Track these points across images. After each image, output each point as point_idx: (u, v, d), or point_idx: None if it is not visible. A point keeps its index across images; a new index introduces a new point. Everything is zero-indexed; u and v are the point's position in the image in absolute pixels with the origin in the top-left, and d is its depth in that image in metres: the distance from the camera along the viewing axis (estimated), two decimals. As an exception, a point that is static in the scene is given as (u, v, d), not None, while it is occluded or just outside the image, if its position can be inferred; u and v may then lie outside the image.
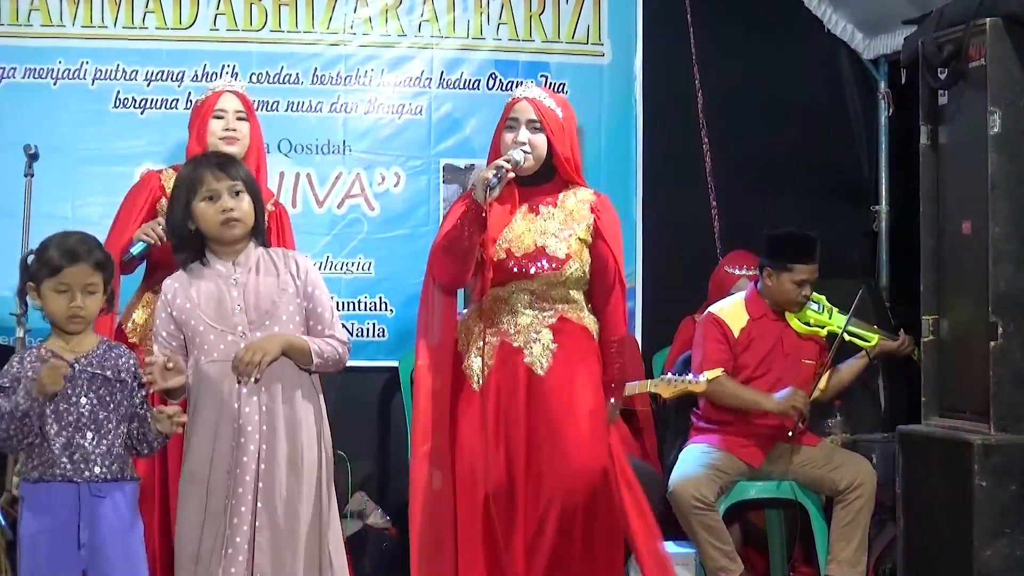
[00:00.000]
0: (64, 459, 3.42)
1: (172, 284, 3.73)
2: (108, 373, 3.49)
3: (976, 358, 4.53)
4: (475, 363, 4.03)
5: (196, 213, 3.67)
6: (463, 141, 5.83)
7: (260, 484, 3.59)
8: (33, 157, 4.50)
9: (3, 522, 4.38)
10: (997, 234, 4.46)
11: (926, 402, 4.79)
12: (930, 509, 4.64)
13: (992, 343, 4.45)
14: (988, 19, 4.46)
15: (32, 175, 4.49)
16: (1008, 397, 4.46)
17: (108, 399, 3.48)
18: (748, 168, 6.11)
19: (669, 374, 5.04)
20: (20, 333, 4.36)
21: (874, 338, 5.25)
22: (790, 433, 4.99)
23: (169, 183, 4.46)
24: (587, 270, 4.08)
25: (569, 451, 3.95)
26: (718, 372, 5.01)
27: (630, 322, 5.67)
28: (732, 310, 5.16)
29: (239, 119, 4.52)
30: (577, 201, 4.11)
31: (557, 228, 4.05)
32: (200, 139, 4.52)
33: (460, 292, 4.25)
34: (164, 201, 4.42)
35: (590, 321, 4.10)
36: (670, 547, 5.13)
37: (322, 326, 3.74)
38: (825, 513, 5.09)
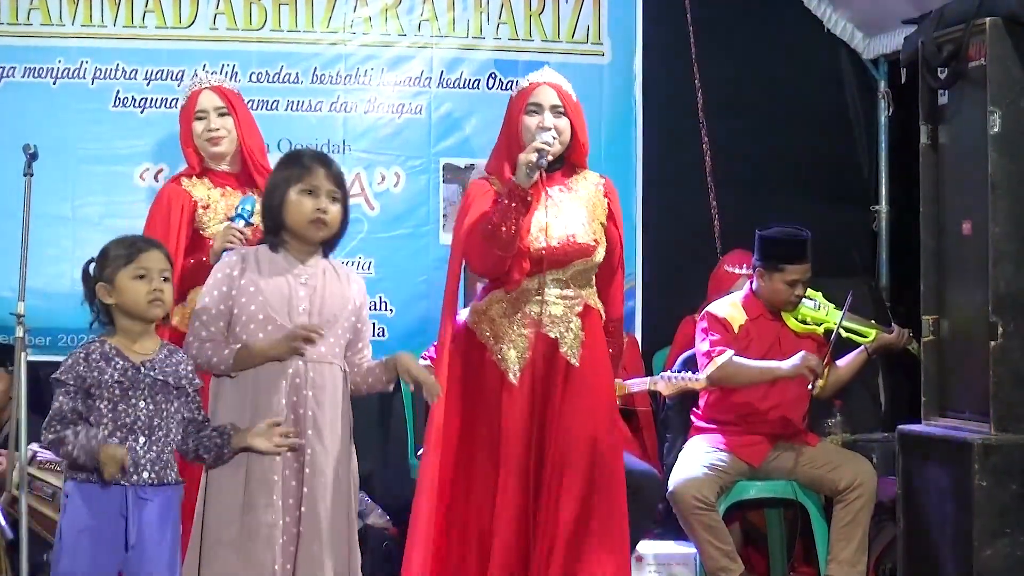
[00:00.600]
0: None
1: (238, 262, 3.67)
2: (169, 379, 3.49)
3: (976, 358, 4.53)
4: (510, 355, 4.03)
5: (289, 201, 3.65)
6: (463, 141, 5.82)
7: (305, 487, 3.59)
8: (33, 157, 4.50)
9: (3, 522, 4.39)
10: (997, 234, 4.46)
11: (926, 402, 4.79)
12: (930, 509, 4.64)
13: (992, 343, 4.45)
14: (988, 19, 4.46)
15: (32, 175, 4.49)
16: (1008, 397, 4.46)
17: (165, 405, 3.48)
18: (748, 168, 6.11)
19: (668, 372, 5.04)
20: (20, 333, 4.36)
21: (871, 333, 5.24)
22: (811, 389, 4.97)
23: (194, 190, 4.46)
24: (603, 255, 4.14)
25: (599, 450, 4.02)
26: (729, 354, 4.97)
27: (630, 322, 5.67)
28: (729, 310, 5.16)
29: (221, 115, 4.50)
30: (589, 184, 4.14)
31: (579, 213, 4.08)
32: (187, 142, 4.51)
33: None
34: (201, 211, 4.43)
35: (600, 304, 4.16)
36: (670, 547, 5.15)
37: (361, 344, 3.79)
38: (825, 513, 5.08)
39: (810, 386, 4.98)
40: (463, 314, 5.14)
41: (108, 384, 3.42)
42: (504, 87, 5.82)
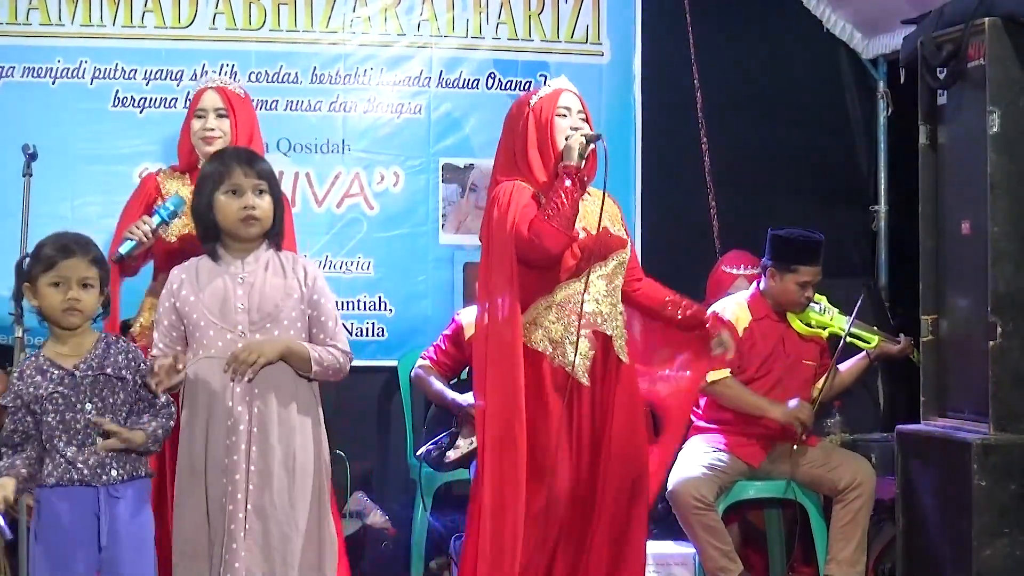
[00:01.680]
0: (79, 465, 3.42)
1: (179, 275, 3.73)
2: (109, 371, 3.48)
3: (975, 358, 4.53)
4: (575, 357, 4.02)
5: (216, 205, 3.68)
6: (462, 140, 5.82)
7: (251, 487, 3.60)
8: (32, 157, 4.49)
9: (3, 522, 4.38)
10: (996, 234, 4.46)
11: (925, 402, 4.79)
12: (930, 509, 4.64)
13: (991, 343, 4.45)
14: (987, 19, 4.46)
15: (31, 175, 4.48)
16: (1007, 397, 4.46)
17: (111, 399, 3.48)
18: (748, 168, 6.11)
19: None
20: (19, 333, 4.35)
21: (874, 339, 5.26)
22: (795, 447, 4.99)
23: (165, 183, 4.45)
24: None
25: (639, 452, 4.11)
26: (725, 373, 5.00)
27: (629, 322, 5.67)
28: (734, 310, 5.16)
29: (219, 116, 4.48)
30: (598, 192, 4.15)
31: (607, 213, 4.10)
32: (183, 138, 4.50)
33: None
34: (160, 201, 4.41)
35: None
36: (670, 547, 5.15)
37: (324, 335, 3.74)
38: (824, 513, 5.08)
39: (795, 445, 4.98)
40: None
41: (47, 396, 3.43)
42: (503, 87, 5.83)
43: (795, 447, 5.00)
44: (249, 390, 3.62)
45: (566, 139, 4.04)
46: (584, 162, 4.00)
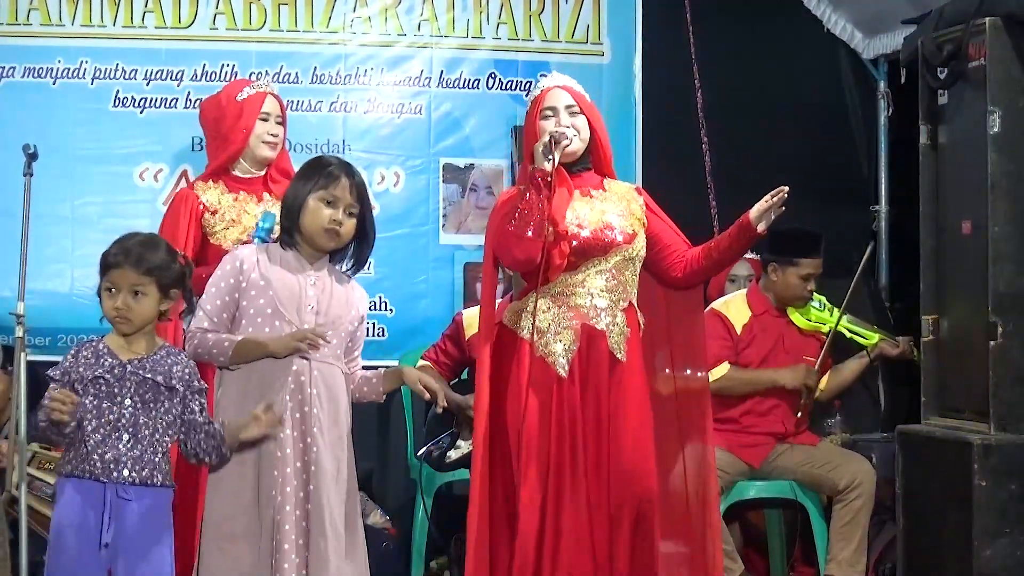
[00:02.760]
0: (95, 457, 3.42)
1: (250, 256, 3.72)
2: (159, 379, 3.48)
3: (976, 358, 4.53)
4: (557, 348, 4.00)
5: (308, 205, 3.69)
6: (463, 140, 5.82)
7: (310, 488, 3.62)
8: (32, 156, 4.49)
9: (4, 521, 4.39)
10: (997, 234, 4.46)
11: (926, 402, 4.79)
12: (930, 509, 4.64)
13: (992, 343, 4.45)
14: (988, 19, 4.46)
15: (31, 175, 4.48)
16: (1008, 397, 4.46)
17: (152, 405, 3.48)
18: (748, 168, 6.11)
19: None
20: (20, 333, 4.35)
21: (874, 337, 5.26)
22: (798, 413, 4.99)
23: (205, 195, 4.43)
24: (645, 252, 4.11)
25: (644, 452, 4.01)
26: (724, 368, 5.00)
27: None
28: (735, 306, 5.17)
29: (278, 123, 4.50)
30: (622, 188, 4.16)
31: (615, 207, 4.08)
32: (244, 137, 4.41)
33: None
34: (208, 216, 4.38)
35: (641, 314, 4.12)
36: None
37: (357, 352, 3.85)
38: (825, 513, 5.08)
39: (798, 412, 4.99)
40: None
41: (92, 380, 3.43)
42: (504, 87, 5.83)
43: (798, 414, 5.00)
44: (306, 386, 3.64)
45: (550, 131, 3.97)
46: (551, 163, 3.90)
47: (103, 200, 5.47)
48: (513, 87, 5.85)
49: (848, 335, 5.20)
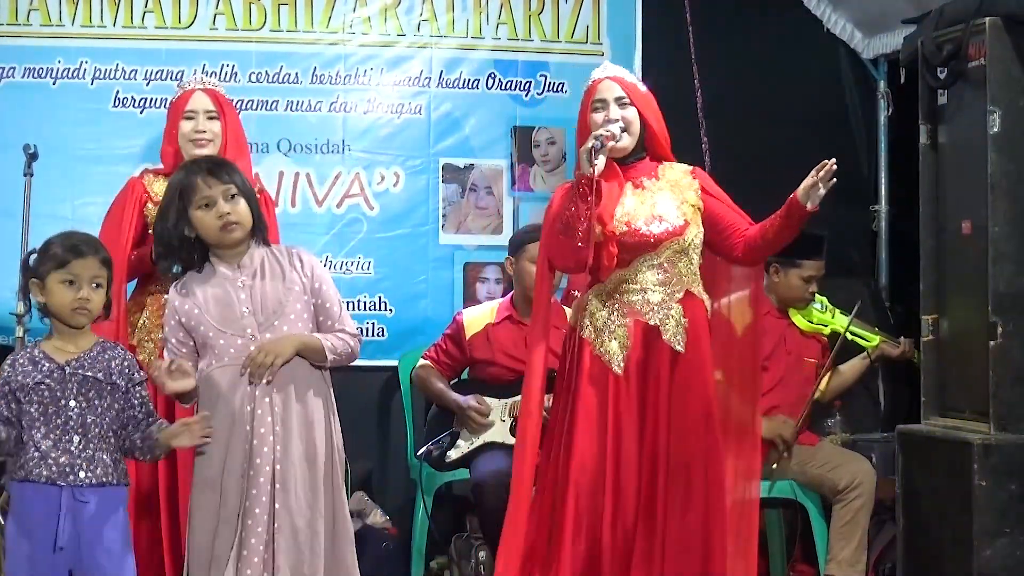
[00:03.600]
0: (50, 461, 3.41)
1: (176, 292, 3.74)
2: (99, 375, 3.48)
3: (976, 358, 4.53)
4: (612, 347, 3.99)
5: (194, 221, 3.69)
6: (462, 140, 5.82)
7: (276, 485, 3.61)
8: (32, 157, 4.50)
9: (3, 522, 4.39)
10: (997, 234, 4.46)
11: (926, 402, 4.79)
12: (930, 509, 4.64)
13: (992, 343, 4.45)
14: (987, 18, 4.46)
15: (31, 175, 4.49)
16: (1008, 397, 4.46)
17: (97, 402, 3.48)
18: (748, 168, 6.10)
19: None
20: (20, 333, 4.35)
21: (875, 339, 5.27)
22: (773, 465, 4.97)
23: (152, 186, 4.45)
24: (702, 237, 4.09)
25: (706, 441, 3.99)
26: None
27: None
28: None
29: (210, 118, 4.48)
30: (676, 172, 4.14)
31: (668, 197, 4.06)
32: (171, 140, 4.49)
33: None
34: (151, 205, 4.40)
35: (706, 295, 4.10)
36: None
37: (331, 320, 3.76)
38: (825, 513, 5.08)
39: (773, 463, 4.96)
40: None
41: (32, 386, 3.43)
42: (503, 87, 5.83)
43: (774, 465, 4.98)
44: (268, 390, 3.63)
45: (595, 135, 3.95)
46: (595, 167, 3.87)
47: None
48: (513, 87, 5.85)
49: (850, 337, 5.20)
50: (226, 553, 3.58)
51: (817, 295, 5.21)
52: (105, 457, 3.48)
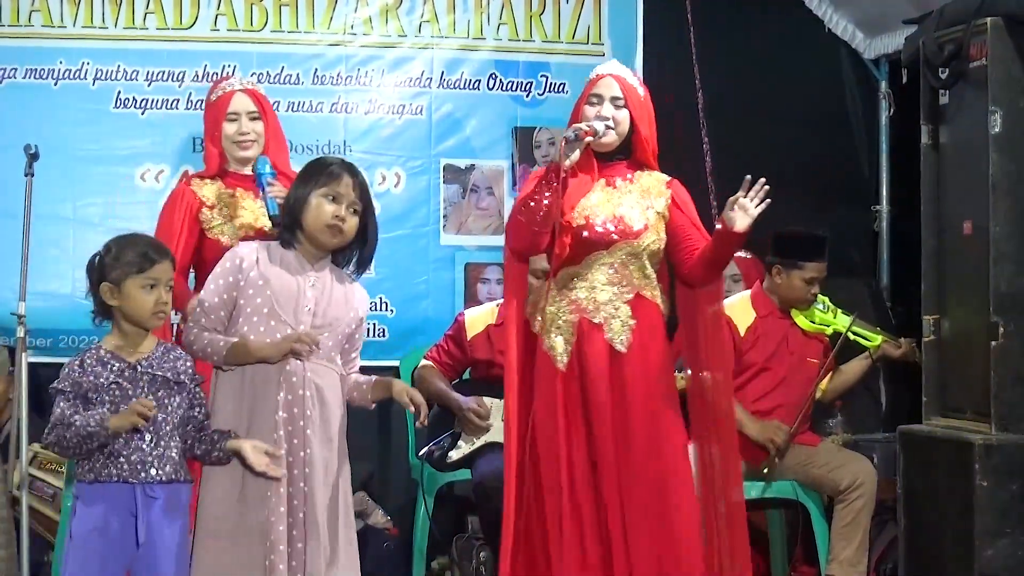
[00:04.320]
0: (121, 460, 3.43)
1: (250, 254, 3.71)
2: (168, 374, 3.51)
3: (977, 358, 4.53)
4: (557, 342, 4.02)
5: (311, 202, 3.68)
6: (463, 141, 5.83)
7: (302, 486, 3.62)
8: (33, 157, 4.50)
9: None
10: (998, 234, 4.46)
11: (927, 402, 4.79)
12: (931, 509, 4.64)
13: (993, 343, 4.45)
14: (989, 19, 4.46)
15: (32, 175, 4.49)
16: (1009, 397, 4.46)
17: (166, 401, 3.50)
18: (748, 168, 6.09)
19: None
20: (20, 333, 4.36)
21: (877, 339, 5.26)
22: (764, 468, 4.97)
23: (202, 190, 4.44)
24: (663, 245, 4.09)
25: (653, 439, 3.99)
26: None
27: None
28: (738, 308, 5.17)
29: (252, 119, 4.48)
30: (652, 179, 4.15)
31: (635, 201, 4.08)
32: (214, 141, 4.48)
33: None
34: (205, 211, 4.41)
35: (662, 300, 4.10)
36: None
37: (354, 355, 3.84)
38: (826, 513, 5.08)
39: (764, 467, 4.96)
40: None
41: (106, 386, 3.45)
42: (505, 88, 5.83)
43: (764, 470, 4.97)
44: (295, 389, 3.63)
45: (575, 127, 3.97)
46: (569, 159, 3.90)
47: (104, 201, 5.48)
48: (514, 88, 5.85)
49: (851, 337, 5.20)
50: (239, 527, 3.60)
51: (820, 295, 5.21)
52: (174, 455, 3.51)
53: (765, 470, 4.98)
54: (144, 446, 3.45)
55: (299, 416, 3.64)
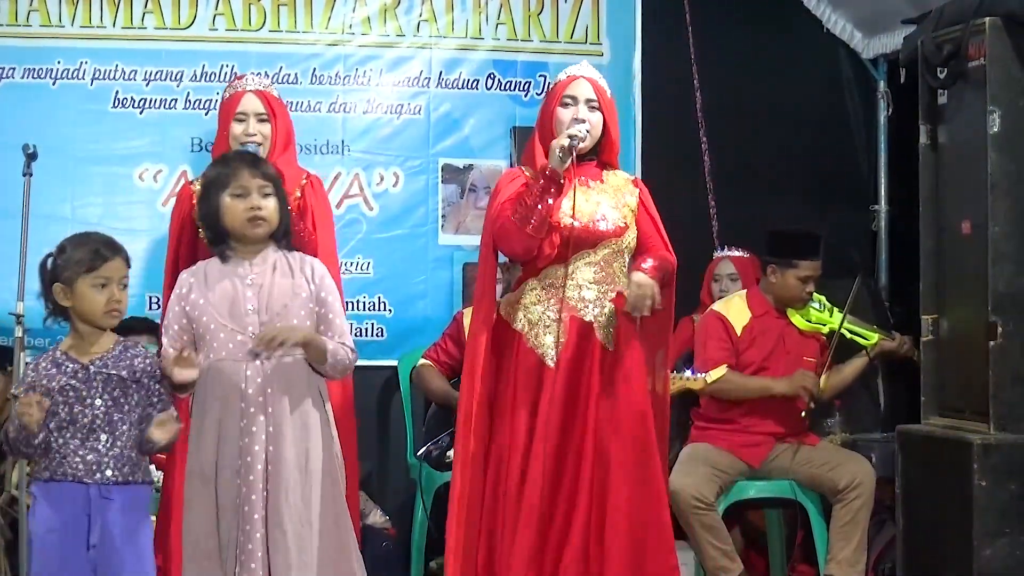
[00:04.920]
0: (76, 459, 3.43)
1: (188, 279, 3.75)
2: (123, 373, 3.50)
3: (976, 358, 4.53)
4: (547, 340, 4.05)
5: (222, 207, 3.69)
6: (462, 141, 5.82)
7: (268, 488, 3.60)
8: (32, 157, 4.49)
9: (1, 522, 4.39)
10: (997, 234, 4.46)
11: (926, 402, 4.79)
12: (930, 509, 4.64)
13: (992, 343, 4.45)
14: (987, 18, 4.46)
15: (31, 175, 4.48)
16: (1008, 396, 4.46)
17: (123, 400, 3.49)
18: (748, 168, 6.11)
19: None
20: (19, 333, 4.35)
21: (873, 337, 5.26)
22: (803, 413, 4.99)
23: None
24: (635, 244, 4.17)
25: (640, 440, 4.05)
26: (723, 370, 5.01)
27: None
28: (734, 307, 5.17)
29: (260, 121, 4.49)
30: (619, 179, 4.21)
31: (610, 200, 4.13)
32: (222, 142, 4.50)
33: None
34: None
35: None
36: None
37: (332, 332, 3.75)
38: (824, 513, 5.08)
39: (804, 412, 4.98)
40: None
41: (58, 389, 3.44)
42: (503, 87, 5.83)
43: (804, 414, 4.99)
44: (262, 390, 3.63)
45: (570, 133, 4.02)
46: (565, 165, 3.96)
47: (103, 201, 5.48)
48: (512, 87, 5.85)
49: (848, 335, 5.20)
50: (221, 546, 3.59)
51: (815, 294, 5.21)
52: (132, 455, 3.50)
53: (803, 414, 4.99)
54: (99, 446, 3.44)
55: (267, 414, 3.62)
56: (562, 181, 3.97)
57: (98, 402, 3.46)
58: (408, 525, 5.31)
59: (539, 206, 3.95)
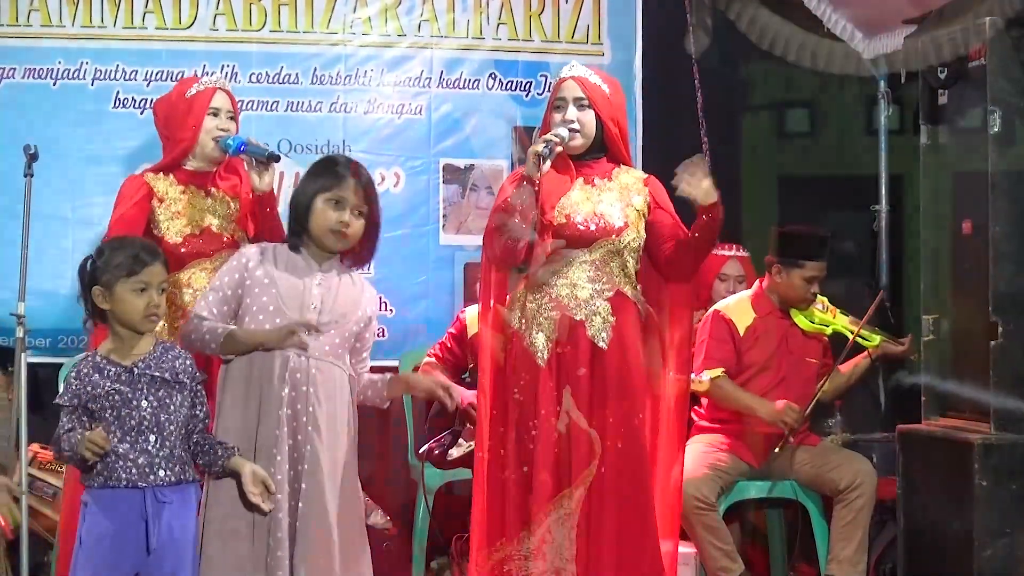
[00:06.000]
0: (129, 464, 3.43)
1: (256, 253, 3.75)
2: (166, 375, 3.50)
3: (976, 357, 4.54)
4: (539, 339, 4.06)
5: (314, 208, 3.71)
6: (463, 141, 5.82)
7: (302, 484, 3.63)
8: (33, 157, 4.49)
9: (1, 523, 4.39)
10: (997, 234, 4.47)
11: (926, 401, 4.80)
12: (931, 509, 4.64)
13: (992, 342, 4.45)
14: (987, 18, 4.46)
15: (32, 175, 4.49)
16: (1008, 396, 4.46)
17: (168, 401, 3.50)
18: (747, 167, 6.11)
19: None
20: (20, 333, 4.36)
21: (876, 339, 5.26)
22: (776, 449, 4.97)
23: (156, 184, 4.43)
24: (642, 243, 4.15)
25: (637, 438, 4.05)
26: (718, 372, 5.02)
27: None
28: (738, 307, 5.17)
29: (229, 119, 4.50)
30: (630, 177, 4.20)
31: (614, 199, 4.12)
32: (194, 134, 4.44)
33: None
34: (155, 203, 4.40)
35: (640, 300, 4.15)
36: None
37: (365, 354, 3.85)
38: (825, 513, 5.08)
39: (777, 447, 4.96)
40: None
41: (104, 394, 3.44)
42: (504, 87, 5.83)
43: (777, 449, 4.96)
44: (299, 385, 3.64)
45: (544, 138, 4.03)
46: (540, 171, 3.95)
47: (104, 201, 5.42)
48: (513, 87, 5.85)
49: (852, 336, 5.19)
50: (250, 526, 3.61)
51: (819, 295, 5.21)
52: (182, 454, 3.51)
53: (776, 450, 4.96)
54: (150, 447, 3.45)
55: (302, 412, 3.65)
56: (536, 187, 3.94)
57: (144, 403, 3.46)
58: (409, 525, 5.31)
59: (514, 214, 3.95)
